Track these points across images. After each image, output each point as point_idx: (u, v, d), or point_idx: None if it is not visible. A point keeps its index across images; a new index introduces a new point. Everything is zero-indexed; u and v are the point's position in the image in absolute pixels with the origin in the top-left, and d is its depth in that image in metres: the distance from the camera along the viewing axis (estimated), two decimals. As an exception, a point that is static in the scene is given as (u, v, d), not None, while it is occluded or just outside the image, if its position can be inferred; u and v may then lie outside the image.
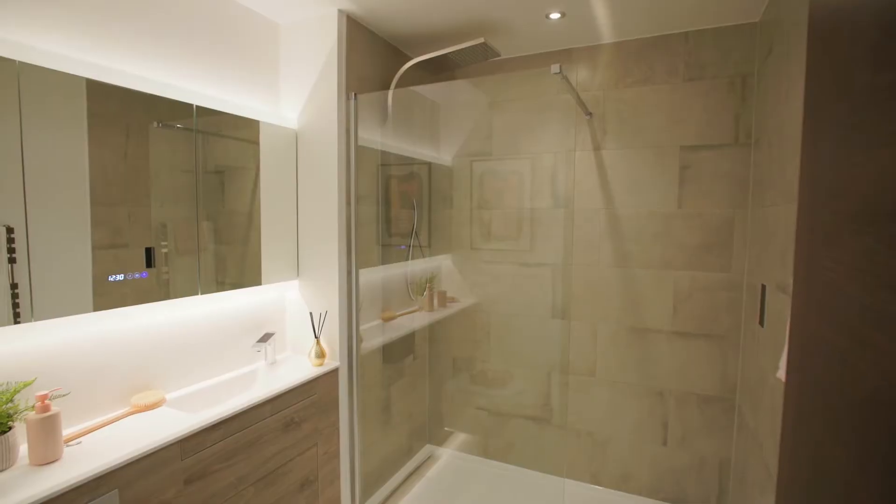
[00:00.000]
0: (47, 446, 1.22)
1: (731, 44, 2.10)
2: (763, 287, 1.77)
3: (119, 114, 1.45)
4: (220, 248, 1.80)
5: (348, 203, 2.10)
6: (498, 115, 2.64)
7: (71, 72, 1.32)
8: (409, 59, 2.32)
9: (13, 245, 1.23)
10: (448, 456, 2.87)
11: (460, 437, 2.91)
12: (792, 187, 1.46)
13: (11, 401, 1.22)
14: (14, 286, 1.23)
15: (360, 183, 2.15)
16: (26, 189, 1.24)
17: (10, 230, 1.22)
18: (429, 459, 2.84)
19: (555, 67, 1.67)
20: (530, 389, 2.66)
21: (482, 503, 2.47)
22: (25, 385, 1.25)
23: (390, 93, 2.23)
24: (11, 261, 1.23)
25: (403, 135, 2.60)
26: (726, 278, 2.17)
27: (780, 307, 1.54)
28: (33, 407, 1.24)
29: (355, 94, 2.06)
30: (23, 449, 1.27)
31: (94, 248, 1.39)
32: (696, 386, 2.26)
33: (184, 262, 1.67)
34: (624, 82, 2.31)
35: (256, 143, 1.93)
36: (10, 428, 1.20)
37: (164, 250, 1.61)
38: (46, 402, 1.25)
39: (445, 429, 2.95)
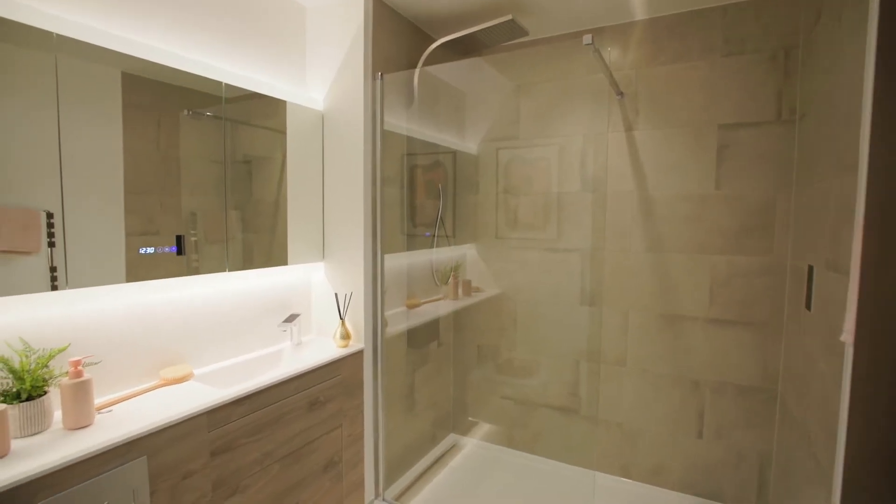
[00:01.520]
0: (80, 411, 1.24)
1: (773, 15, 2.00)
2: (810, 268, 1.67)
3: (151, 104, 1.48)
4: (247, 236, 1.83)
5: (374, 185, 2.09)
6: (525, 98, 2.58)
7: (104, 45, 1.33)
8: (435, 41, 2.29)
9: (52, 230, 1.27)
10: (472, 445, 2.83)
11: (485, 428, 2.86)
12: (845, 158, 1.37)
13: (46, 366, 1.24)
14: (53, 269, 1.26)
15: (385, 169, 2.13)
16: (63, 176, 1.27)
17: (49, 215, 1.25)
18: (453, 448, 2.81)
19: (586, 38, 1.61)
20: (557, 378, 2.59)
21: (508, 494, 2.42)
22: (60, 351, 1.27)
23: (416, 72, 2.21)
24: (51, 245, 1.26)
25: (429, 119, 2.58)
26: (767, 262, 2.06)
27: (831, 288, 1.44)
28: (67, 373, 1.26)
29: (381, 74, 2.04)
30: (57, 415, 1.29)
31: (127, 234, 1.43)
32: (734, 376, 2.16)
33: (212, 249, 1.70)
34: (657, 60, 2.23)
35: (283, 132, 1.94)
36: (45, 392, 1.22)
37: (194, 238, 1.64)
38: (79, 368, 1.26)
39: (470, 419, 2.90)
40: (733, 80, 2.09)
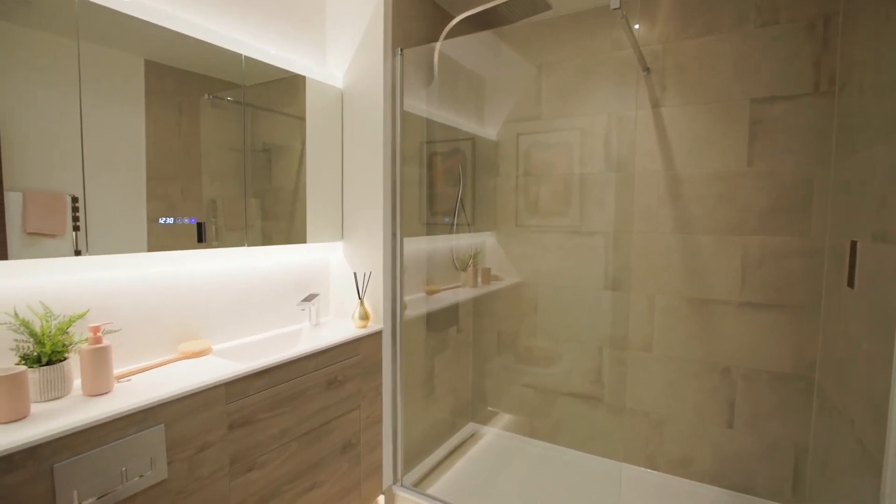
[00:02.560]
0: (99, 378, 1.23)
1: (811, -18, 1.90)
2: (853, 244, 1.58)
3: (173, 91, 1.49)
4: (266, 224, 1.83)
5: (394, 163, 2.05)
6: (548, 77, 2.52)
7: (125, 11, 1.33)
8: (455, 17, 2.25)
9: (77, 214, 1.27)
10: (492, 435, 2.77)
11: (505, 417, 2.81)
12: (893, 123, 1.28)
13: (67, 332, 1.23)
14: (77, 252, 1.26)
15: (405, 152, 2.09)
16: (88, 162, 1.28)
17: (74, 199, 1.26)
18: (472, 437, 2.76)
19: (614, 2, 1.55)
20: (580, 366, 2.52)
21: (530, 485, 2.35)
22: (80, 316, 1.26)
23: (437, 47, 2.16)
24: (76, 228, 1.27)
25: (448, 102, 2.54)
26: (803, 242, 1.96)
27: (879, 260, 1.35)
28: (86, 339, 1.25)
29: (401, 50, 2.01)
30: (77, 383, 1.28)
31: (148, 220, 1.43)
32: (768, 362, 2.06)
33: (232, 236, 1.70)
34: (686, 33, 2.15)
35: (302, 118, 1.93)
36: (65, 358, 1.22)
37: (214, 226, 1.64)
38: (98, 334, 1.25)
39: (489, 408, 2.85)
40: (767, 52, 2.00)
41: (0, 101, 1.12)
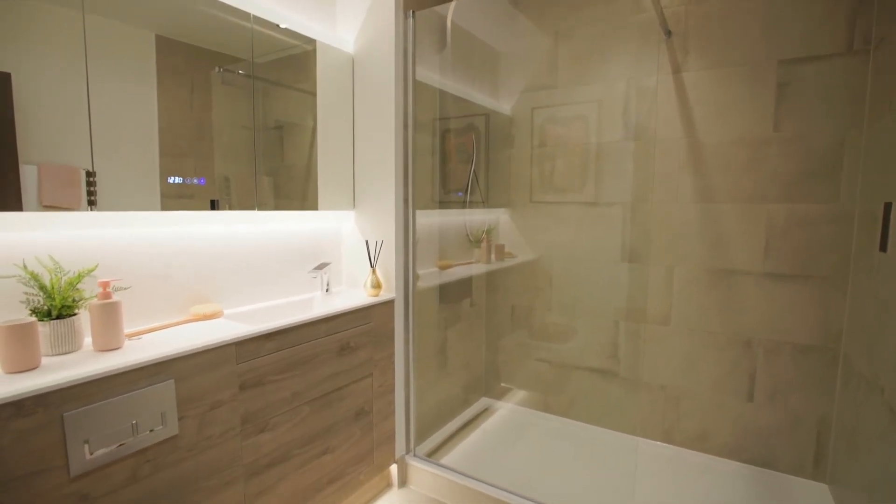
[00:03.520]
0: (109, 333, 1.22)
1: (846, -67, 1.80)
2: (887, 206, 1.50)
3: (184, 67, 1.47)
4: (279, 202, 1.82)
5: (406, 129, 2.00)
6: (564, 44, 2.44)
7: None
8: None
9: (92, 189, 1.27)
10: (506, 409, 2.75)
11: (519, 393, 2.78)
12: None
13: (77, 287, 1.22)
14: (91, 203, 1.25)
15: (417, 119, 2.04)
16: (100, 137, 1.27)
17: (90, 174, 1.26)
18: (485, 412, 2.74)
19: (637, -50, 1.47)
20: (595, 340, 2.47)
21: (544, 458, 2.33)
22: (89, 271, 1.25)
23: (451, 8, 2.10)
24: (91, 203, 1.26)
25: (462, 72, 2.47)
26: (832, 209, 1.88)
27: (916, 217, 1.28)
28: (96, 295, 1.24)
29: (413, 12, 1.95)
30: (87, 341, 1.27)
31: (162, 196, 1.42)
32: (792, 334, 1.99)
33: (244, 203, 1.69)
34: (710, -7, 2.05)
35: (313, 93, 1.90)
36: (75, 314, 1.21)
37: (228, 204, 1.63)
38: (108, 290, 1.24)
39: (503, 384, 2.82)
40: (797, 11, 1.90)
41: (16, 76, 1.11)
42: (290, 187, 1.86)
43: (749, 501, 1.94)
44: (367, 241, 2.02)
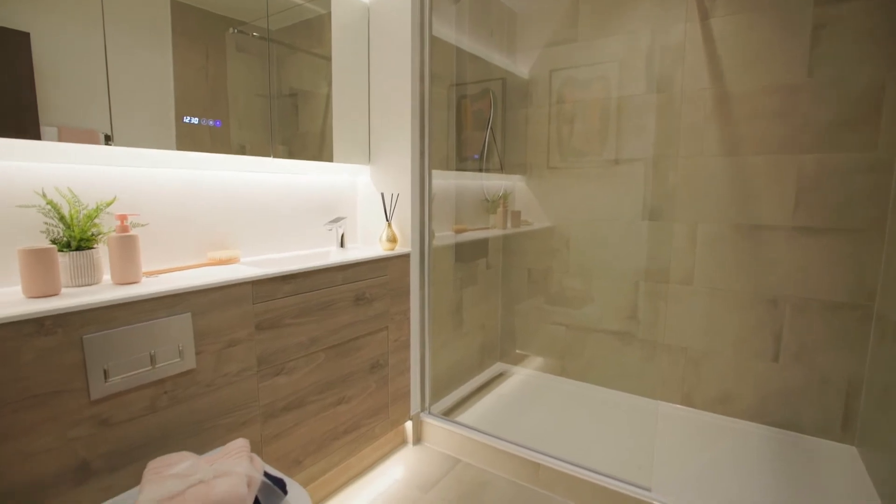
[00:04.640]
0: (127, 267, 1.22)
1: None
2: (931, 145, 1.41)
3: (199, 33, 1.46)
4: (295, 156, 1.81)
5: (422, 82, 1.96)
6: (584, -4, 2.35)
7: None
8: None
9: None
10: (522, 375, 2.73)
11: (535, 360, 2.75)
12: None
13: (95, 221, 1.22)
14: (108, 138, 1.26)
15: (434, 79, 1.99)
16: (119, 102, 1.27)
17: (108, 138, 1.25)
18: (500, 376, 2.72)
19: None
20: (614, 301, 2.42)
21: (561, 420, 2.30)
22: (108, 204, 1.25)
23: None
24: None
25: (478, 28, 2.41)
26: (869, 158, 1.79)
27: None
28: (114, 229, 1.25)
29: (429, -43, 1.89)
30: (106, 277, 1.28)
31: (176, 119, 1.42)
32: (822, 291, 1.92)
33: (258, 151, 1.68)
34: (742, -67, 1.95)
35: (328, 58, 1.87)
36: (94, 246, 1.21)
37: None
38: (126, 223, 1.24)
39: (518, 351, 2.80)
40: (836, -53, 1.79)
41: (34, 36, 1.10)
42: (305, 155, 1.85)
43: (774, 464, 1.89)
44: (382, 194, 1.99)
